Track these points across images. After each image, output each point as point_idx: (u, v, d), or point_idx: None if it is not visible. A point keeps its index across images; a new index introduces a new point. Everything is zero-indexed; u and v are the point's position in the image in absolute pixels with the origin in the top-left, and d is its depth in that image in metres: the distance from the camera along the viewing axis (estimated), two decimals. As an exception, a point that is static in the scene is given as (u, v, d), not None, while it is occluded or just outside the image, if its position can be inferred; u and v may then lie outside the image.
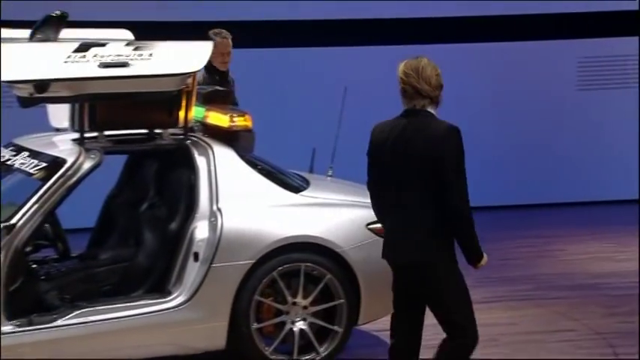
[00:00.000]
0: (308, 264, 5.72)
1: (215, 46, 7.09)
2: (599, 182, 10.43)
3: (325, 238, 5.74)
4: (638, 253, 8.20)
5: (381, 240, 5.83)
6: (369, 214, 5.89)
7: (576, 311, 6.99)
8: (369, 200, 6.05)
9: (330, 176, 6.79)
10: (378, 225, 5.87)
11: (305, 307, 5.77)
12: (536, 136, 10.37)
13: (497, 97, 10.28)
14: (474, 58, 10.17)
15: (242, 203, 5.74)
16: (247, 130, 5.93)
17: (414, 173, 4.51)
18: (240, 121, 5.86)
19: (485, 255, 4.63)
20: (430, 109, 4.58)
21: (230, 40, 7.24)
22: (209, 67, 7.20)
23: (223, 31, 7.27)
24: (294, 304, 5.75)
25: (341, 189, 6.34)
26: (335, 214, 5.89)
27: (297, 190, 5.99)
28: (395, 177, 4.57)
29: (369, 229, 5.88)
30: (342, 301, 5.77)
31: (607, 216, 9.96)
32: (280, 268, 5.68)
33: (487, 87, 10.26)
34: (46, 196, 5.43)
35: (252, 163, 5.97)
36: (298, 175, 6.39)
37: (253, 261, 5.62)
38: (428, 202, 4.50)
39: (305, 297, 5.75)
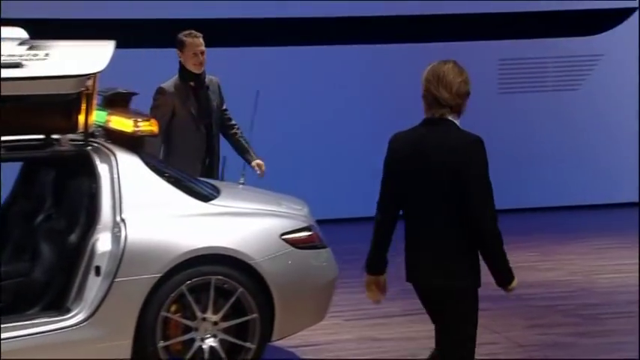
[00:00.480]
0: (219, 277, 5.63)
1: (185, 47, 6.93)
2: (521, 189, 10.53)
3: (237, 250, 5.66)
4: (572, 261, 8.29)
5: (296, 251, 5.83)
6: (283, 224, 5.89)
7: (498, 323, 7.02)
8: (282, 209, 6.07)
9: (242, 184, 6.73)
10: (293, 235, 5.86)
11: (215, 323, 5.67)
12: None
13: (417, 100, 10.29)
14: (392, 58, 10.19)
15: (148, 213, 5.64)
16: (153, 136, 5.85)
17: (437, 188, 4.32)
18: (145, 126, 5.78)
19: (516, 277, 4.49)
20: (451, 118, 4.39)
21: (202, 39, 6.98)
22: (182, 72, 6.95)
23: (193, 31, 7.05)
24: (204, 319, 5.65)
25: (253, 197, 6.28)
26: (247, 223, 5.82)
27: (206, 198, 5.90)
28: (416, 192, 4.38)
29: (284, 240, 5.82)
30: (254, 315, 5.69)
31: (529, 224, 10.07)
32: (189, 281, 5.58)
33: (406, 89, 10.28)
34: None
35: (159, 170, 5.88)
36: (208, 182, 6.31)
37: (160, 275, 5.51)
38: (452, 220, 4.32)
39: (215, 312, 5.66)
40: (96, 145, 5.79)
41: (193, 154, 6.91)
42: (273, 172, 7.35)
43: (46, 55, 5.40)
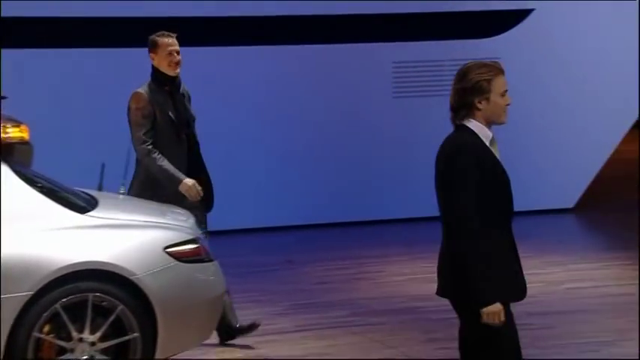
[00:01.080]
0: (96, 294, 5.57)
1: (158, 47, 6.66)
2: (415, 198, 10.60)
3: (116, 264, 5.60)
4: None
5: (181, 264, 5.78)
6: (167, 236, 5.84)
7: (394, 338, 7.04)
8: (166, 221, 6.01)
9: (123, 194, 6.63)
10: (178, 248, 5.80)
11: (93, 344, 5.60)
12: (350, 147, 10.46)
13: (311, 105, 10.31)
14: (282, 60, 10.18)
15: (18, 226, 5.55)
16: (23, 143, 5.77)
17: (438, 196, 4.46)
18: (14, 133, 5.74)
19: (495, 305, 4.36)
20: (465, 123, 4.38)
21: (176, 39, 6.69)
22: (156, 75, 6.65)
23: (165, 32, 6.74)
24: (81, 340, 5.58)
25: (134, 208, 6.23)
26: (127, 236, 5.77)
27: (83, 210, 5.83)
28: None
29: (167, 253, 5.77)
30: (136, 334, 5.63)
31: (426, 233, 10.13)
32: (64, 299, 5.52)
33: (298, 93, 10.29)
34: None
35: (30, 180, 5.79)
36: (85, 193, 6.23)
37: (32, 292, 5.45)
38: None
39: (93, 332, 5.58)
40: (-40, 152, 5.67)
41: (176, 165, 6.61)
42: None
43: None
